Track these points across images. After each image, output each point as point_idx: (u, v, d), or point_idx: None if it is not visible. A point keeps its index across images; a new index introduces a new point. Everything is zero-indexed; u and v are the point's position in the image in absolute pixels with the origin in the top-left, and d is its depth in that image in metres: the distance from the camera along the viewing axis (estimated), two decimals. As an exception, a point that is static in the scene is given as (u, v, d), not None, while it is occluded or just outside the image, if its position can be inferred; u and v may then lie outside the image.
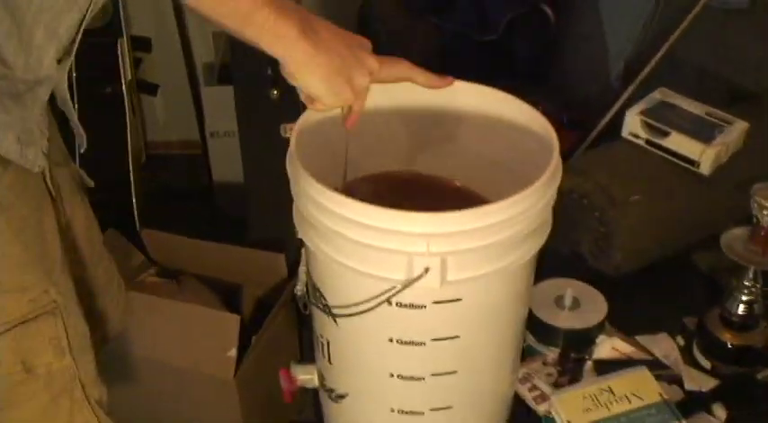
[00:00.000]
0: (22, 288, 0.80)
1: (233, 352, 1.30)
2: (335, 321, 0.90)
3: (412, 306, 0.84)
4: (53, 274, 0.85)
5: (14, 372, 0.81)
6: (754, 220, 1.04)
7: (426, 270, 0.79)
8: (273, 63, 0.83)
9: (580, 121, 1.63)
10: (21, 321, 0.80)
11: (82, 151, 0.98)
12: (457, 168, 1.03)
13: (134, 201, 1.72)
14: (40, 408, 0.85)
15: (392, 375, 0.90)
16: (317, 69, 0.80)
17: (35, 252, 0.82)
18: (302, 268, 0.97)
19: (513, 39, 1.75)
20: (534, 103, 1.42)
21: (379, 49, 1.80)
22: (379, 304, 0.83)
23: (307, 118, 0.92)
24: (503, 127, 0.97)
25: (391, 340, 0.87)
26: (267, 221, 1.70)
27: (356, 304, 0.86)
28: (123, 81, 1.82)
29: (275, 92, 1.59)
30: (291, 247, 1.52)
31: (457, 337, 0.87)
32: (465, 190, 1.02)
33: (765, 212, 1.00)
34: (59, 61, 0.81)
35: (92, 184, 1.06)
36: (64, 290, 0.86)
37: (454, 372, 0.90)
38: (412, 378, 0.90)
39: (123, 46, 1.81)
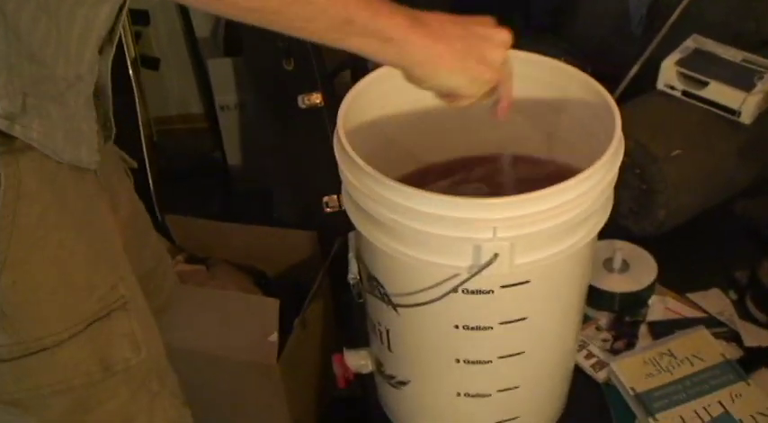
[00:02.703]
0: (90, 286, 0.77)
1: (274, 337, 1.28)
2: (396, 310, 0.87)
3: (479, 292, 0.81)
4: (119, 267, 0.82)
5: (93, 372, 0.78)
6: (811, 172, 1.00)
7: (495, 256, 0.76)
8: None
9: (604, 72, 1.58)
10: (93, 320, 0.77)
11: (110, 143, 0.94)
12: (515, 144, 0.99)
13: (151, 184, 1.68)
14: (120, 405, 0.82)
15: (458, 361, 0.88)
16: (441, 61, 0.71)
17: (100, 247, 0.79)
18: (352, 255, 0.94)
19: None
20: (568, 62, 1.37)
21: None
22: (446, 294, 0.80)
23: (353, 98, 0.88)
24: (556, 97, 0.93)
25: (457, 327, 0.85)
26: (293, 196, 1.66)
27: (419, 293, 0.83)
28: (128, 59, 1.76)
29: (290, 61, 1.53)
30: (319, 220, 1.49)
31: (525, 318, 0.85)
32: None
33: (824, 164, 0.97)
34: (101, 52, 0.77)
35: (135, 164, 1.02)
36: (129, 282, 0.83)
37: (522, 352, 0.88)
38: (479, 362, 0.88)
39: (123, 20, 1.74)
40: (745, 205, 1.30)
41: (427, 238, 0.77)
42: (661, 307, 1.14)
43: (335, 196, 1.46)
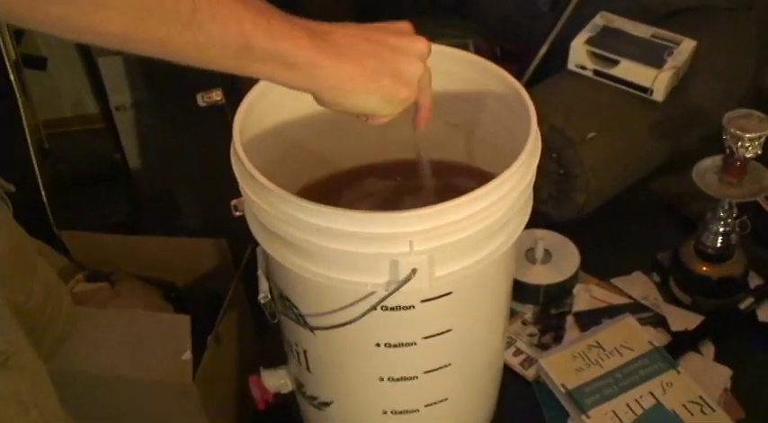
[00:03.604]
0: None
1: (188, 355, 1.20)
2: (312, 331, 0.81)
3: (399, 308, 0.76)
4: None
5: None
6: (727, 150, 0.98)
7: (414, 271, 0.71)
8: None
9: (513, 51, 1.55)
10: None
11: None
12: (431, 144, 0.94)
13: (44, 196, 1.56)
14: None
15: (382, 379, 0.83)
16: (353, 84, 0.64)
17: None
18: (261, 273, 0.87)
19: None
20: (464, 44, 1.33)
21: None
22: (364, 314, 0.74)
23: (250, 104, 0.81)
24: (472, 91, 0.88)
25: (378, 345, 0.79)
26: (199, 200, 1.58)
27: (335, 312, 0.77)
28: (7, 61, 1.63)
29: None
30: (228, 224, 1.41)
31: (449, 330, 0.80)
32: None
33: (740, 143, 0.95)
34: None
35: (12, 188, 0.93)
36: (10, 334, 0.75)
37: (448, 365, 0.83)
38: (404, 378, 0.83)
39: (-1, 21, 1.60)
40: (662, 182, 1.28)
41: (340, 257, 0.72)
42: (586, 296, 1.11)
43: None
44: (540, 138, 0.77)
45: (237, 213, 1.43)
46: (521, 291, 1.10)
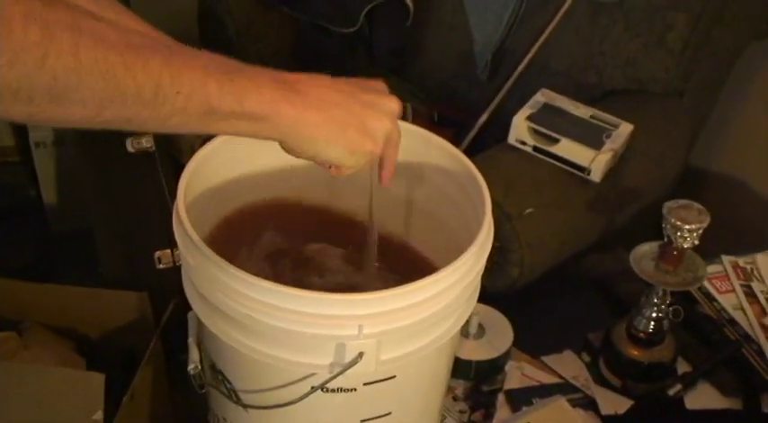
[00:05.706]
0: None
1: (99, 414, 1.13)
2: (245, 408, 0.77)
3: (340, 390, 0.73)
4: None
5: None
6: (666, 239, 1.00)
7: (360, 355, 0.69)
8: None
9: (450, 116, 1.56)
10: None
11: None
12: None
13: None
14: None
15: (315, 461, 0.79)
16: (318, 131, 0.63)
17: None
18: (192, 341, 0.83)
19: (372, 30, 1.64)
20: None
21: (230, 47, 1.63)
22: (303, 397, 0.71)
23: (198, 163, 0.78)
24: (418, 165, 0.87)
25: (315, 427, 0.76)
26: (120, 248, 1.52)
27: (272, 391, 0.74)
28: None
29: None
30: (150, 276, 1.35)
31: (389, 413, 0.77)
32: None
33: (680, 234, 0.96)
34: None
35: None
36: None
37: (384, 448, 0.80)
38: (338, 461, 0.80)
39: None
40: (593, 259, 1.29)
41: (283, 336, 0.68)
42: (517, 373, 1.10)
43: (169, 251, 1.33)
44: (493, 232, 0.77)
45: (161, 266, 1.38)
46: (454, 366, 1.07)
